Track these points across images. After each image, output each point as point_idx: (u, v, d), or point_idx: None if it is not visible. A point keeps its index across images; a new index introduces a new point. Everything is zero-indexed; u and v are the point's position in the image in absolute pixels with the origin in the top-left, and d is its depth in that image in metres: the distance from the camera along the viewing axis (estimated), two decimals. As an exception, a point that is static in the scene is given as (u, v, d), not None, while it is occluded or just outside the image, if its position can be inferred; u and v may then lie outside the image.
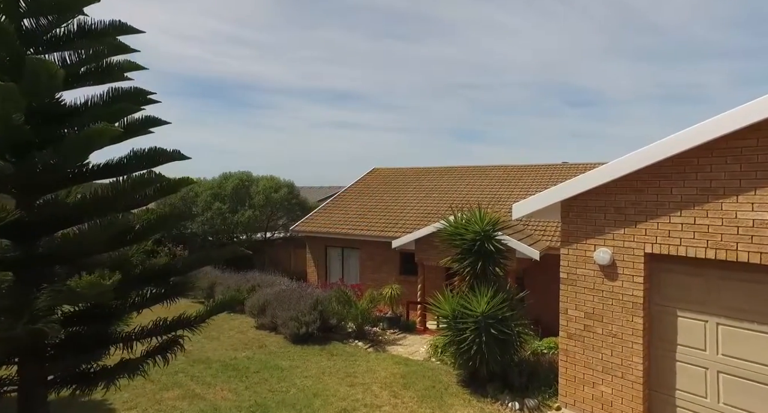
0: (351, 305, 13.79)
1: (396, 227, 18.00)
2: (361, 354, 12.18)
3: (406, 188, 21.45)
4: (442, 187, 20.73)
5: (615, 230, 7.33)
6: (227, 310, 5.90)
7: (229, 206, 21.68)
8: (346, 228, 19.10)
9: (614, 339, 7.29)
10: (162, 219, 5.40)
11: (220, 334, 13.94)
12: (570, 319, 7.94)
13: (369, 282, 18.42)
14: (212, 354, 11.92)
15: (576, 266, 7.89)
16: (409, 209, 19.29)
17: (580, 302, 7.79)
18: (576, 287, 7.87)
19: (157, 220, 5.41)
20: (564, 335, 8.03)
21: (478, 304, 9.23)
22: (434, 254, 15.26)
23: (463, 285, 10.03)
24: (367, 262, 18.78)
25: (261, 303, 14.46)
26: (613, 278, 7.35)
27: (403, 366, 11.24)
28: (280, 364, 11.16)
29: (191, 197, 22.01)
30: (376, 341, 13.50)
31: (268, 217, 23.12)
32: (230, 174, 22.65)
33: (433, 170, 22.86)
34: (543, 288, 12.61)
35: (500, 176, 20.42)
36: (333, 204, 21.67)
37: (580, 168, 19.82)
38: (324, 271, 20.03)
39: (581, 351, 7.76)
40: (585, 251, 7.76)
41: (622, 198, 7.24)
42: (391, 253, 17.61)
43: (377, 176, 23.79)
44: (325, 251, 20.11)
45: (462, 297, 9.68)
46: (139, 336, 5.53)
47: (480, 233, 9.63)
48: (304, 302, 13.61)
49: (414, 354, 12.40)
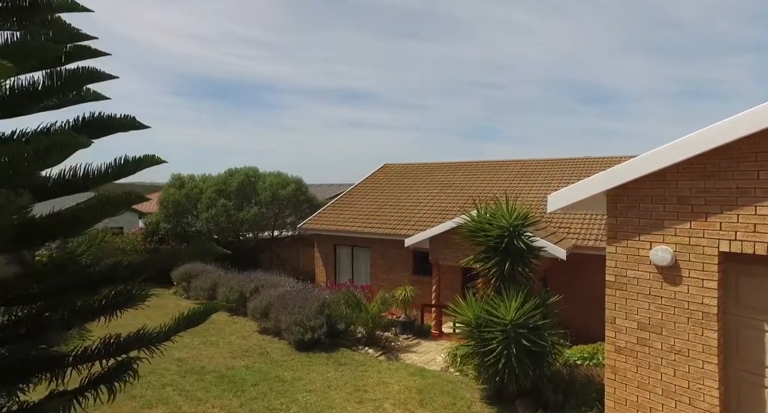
0: (361, 308, 12.50)
1: (409, 225, 16.70)
2: (372, 363, 10.88)
3: (419, 184, 20.12)
4: (456, 182, 19.38)
5: (678, 225, 5.97)
6: (200, 322, 4.48)
7: (235, 202, 20.48)
8: (356, 226, 17.83)
9: (679, 357, 5.93)
10: (102, 203, 4.08)
11: (219, 339, 12.71)
12: (619, 330, 6.58)
13: (380, 283, 17.16)
14: (208, 363, 10.68)
15: (626, 267, 6.54)
16: (423, 206, 17.97)
17: (632, 310, 6.44)
18: (626, 292, 6.52)
19: (96, 204, 4.08)
20: (611, 348, 6.68)
21: (506, 310, 7.89)
22: (450, 253, 13.97)
23: (487, 288, 8.70)
24: (379, 261, 17.49)
25: (264, 306, 13.22)
26: (675, 283, 5.98)
27: (418, 377, 9.93)
28: (281, 375, 9.89)
29: (195, 193, 20.85)
30: (388, 347, 12.21)
31: (275, 214, 21.90)
32: (236, 170, 21.47)
33: (447, 165, 21.51)
34: (568, 290, 11.26)
35: (518, 171, 19.04)
36: (342, 201, 20.40)
37: (605, 162, 18.41)
38: (333, 271, 18.77)
39: (634, 368, 6.40)
40: (638, 249, 6.40)
41: (687, 185, 5.87)
42: (404, 252, 16.33)
43: (388, 172, 22.48)
44: (334, 250, 18.85)
45: (487, 302, 8.36)
46: (80, 360, 4.22)
47: (508, 229, 8.30)
48: (310, 305, 12.35)
49: (430, 363, 11.08)
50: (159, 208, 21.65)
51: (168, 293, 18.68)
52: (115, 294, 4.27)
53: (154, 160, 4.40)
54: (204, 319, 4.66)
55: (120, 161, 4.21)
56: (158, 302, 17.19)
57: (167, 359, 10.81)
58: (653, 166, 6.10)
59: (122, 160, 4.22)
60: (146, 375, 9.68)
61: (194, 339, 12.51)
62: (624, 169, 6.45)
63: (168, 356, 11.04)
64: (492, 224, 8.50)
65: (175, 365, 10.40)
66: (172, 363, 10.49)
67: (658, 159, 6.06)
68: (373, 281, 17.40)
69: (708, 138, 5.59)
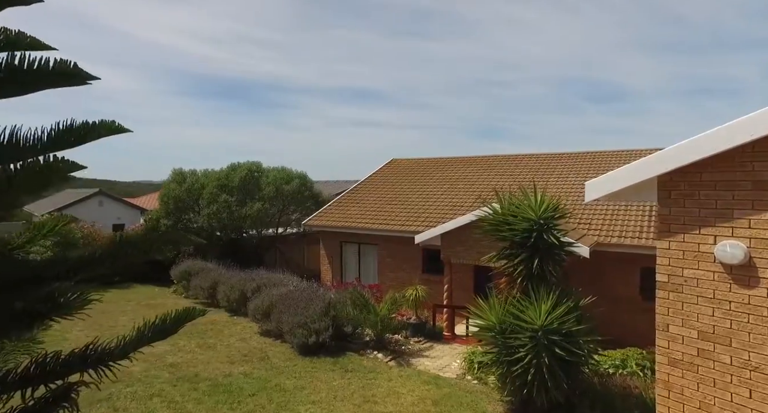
0: (369, 309, 11.49)
1: (418, 221, 15.68)
2: (382, 370, 9.88)
3: (428, 179, 19.08)
4: (468, 177, 18.32)
5: (753, 215, 4.91)
6: (170, 332, 3.42)
7: (237, 198, 19.49)
8: (363, 222, 16.82)
9: (756, 374, 4.88)
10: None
11: (217, 341, 11.73)
12: (673, 339, 5.53)
13: (388, 282, 16.16)
14: (203, 369, 9.69)
15: (683, 265, 5.48)
16: (433, 202, 16.94)
17: (691, 316, 5.39)
18: (683, 294, 5.46)
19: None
20: (664, 360, 5.63)
21: (535, 314, 6.86)
22: (463, 250, 12.96)
23: (512, 289, 7.66)
24: (387, 259, 16.48)
25: (265, 306, 12.23)
26: (749, 285, 4.93)
27: (433, 386, 8.91)
28: (282, 384, 8.89)
29: (197, 188, 19.88)
30: (399, 352, 11.19)
31: (279, 211, 20.91)
32: (238, 165, 20.48)
33: (457, 160, 20.43)
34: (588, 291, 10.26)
35: (532, 166, 17.96)
36: (349, 197, 19.38)
37: (623, 155, 17.33)
38: (339, 269, 17.76)
39: (694, 385, 5.35)
40: (698, 244, 5.34)
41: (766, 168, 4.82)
42: (413, 249, 15.33)
43: (396, 168, 21.44)
44: (340, 247, 17.84)
45: (512, 304, 7.32)
46: (7, 386, 3.18)
47: (537, 222, 7.26)
48: (314, 305, 11.34)
49: (444, 370, 10.06)
50: (159, 204, 20.72)
51: (168, 292, 17.75)
52: (37, 300, 3.20)
53: (112, 128, 3.39)
54: (176, 328, 3.65)
55: (64, 126, 3.16)
56: (158, 302, 16.29)
57: (159, 364, 9.85)
58: (721, 145, 5.04)
59: (67, 124, 3.19)
60: (133, 383, 8.73)
61: (190, 342, 11.54)
62: (681, 150, 5.39)
63: (160, 361, 10.08)
64: (518, 216, 7.46)
65: (167, 371, 9.42)
66: (163, 369, 9.52)
67: (726, 137, 4.99)
68: (381, 280, 16.40)
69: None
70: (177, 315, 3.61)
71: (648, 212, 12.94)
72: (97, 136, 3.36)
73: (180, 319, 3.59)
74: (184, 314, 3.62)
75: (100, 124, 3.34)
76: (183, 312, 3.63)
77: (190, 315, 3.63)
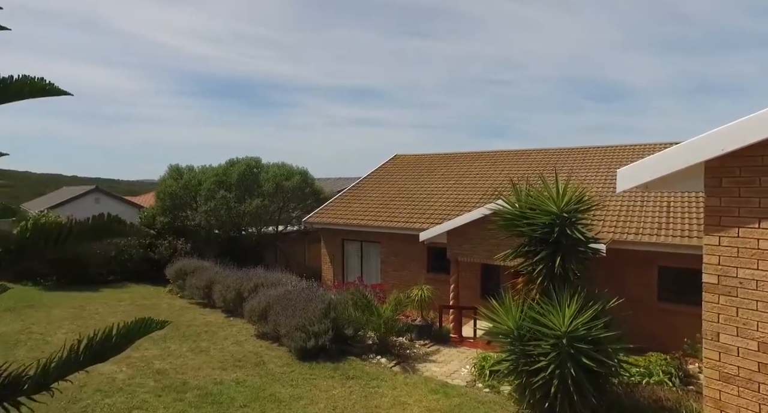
0: (372, 311, 10.66)
1: (423, 218, 14.86)
2: (386, 376, 9.05)
3: (433, 175, 18.24)
4: (473, 173, 17.49)
5: (830, 204, 4.09)
6: (112, 353, 2.56)
7: (236, 194, 18.66)
8: (365, 219, 15.99)
9: (838, 395, 4.05)
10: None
11: (211, 345, 10.91)
12: (726, 351, 4.69)
13: (391, 281, 15.35)
14: (192, 376, 8.87)
15: (737, 264, 4.64)
16: (438, 198, 16.11)
17: (748, 324, 4.55)
18: (738, 299, 4.62)
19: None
20: (714, 375, 4.79)
21: (559, 319, 6.03)
22: (470, 248, 12.13)
23: (530, 290, 6.83)
24: (390, 258, 15.66)
25: (262, 307, 11.41)
26: (825, 287, 4.11)
27: (441, 396, 8.08)
28: (277, 393, 8.06)
29: (194, 184, 19.06)
30: (403, 356, 10.37)
31: (279, 208, 20.08)
32: (237, 160, 19.66)
33: (463, 156, 19.59)
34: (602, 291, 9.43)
35: (540, 160, 17.10)
36: (351, 193, 18.55)
37: (637, 149, 16.47)
38: (341, 268, 16.94)
39: (755, 407, 4.52)
40: (758, 240, 4.51)
41: None
42: (417, 247, 14.52)
43: (399, 163, 20.61)
44: (341, 245, 17.02)
45: (531, 307, 6.50)
46: None
47: (559, 216, 6.43)
48: (313, 306, 10.52)
49: (453, 376, 9.24)
50: (155, 201, 19.90)
51: (164, 291, 16.94)
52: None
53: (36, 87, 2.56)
54: (126, 345, 2.82)
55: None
56: (151, 302, 15.48)
57: (145, 371, 9.03)
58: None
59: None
60: (114, 392, 7.92)
61: (182, 346, 10.72)
62: (735, 131, 4.56)
63: (148, 367, 9.27)
64: (537, 209, 6.63)
65: (153, 379, 8.60)
66: (149, 377, 8.70)
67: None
68: (384, 279, 15.58)
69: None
70: (127, 328, 2.78)
71: (666, 207, 12.09)
72: (18, 96, 2.55)
73: (131, 334, 2.76)
74: (136, 327, 2.78)
75: (22, 81, 2.52)
76: (135, 325, 2.79)
77: (145, 327, 2.80)
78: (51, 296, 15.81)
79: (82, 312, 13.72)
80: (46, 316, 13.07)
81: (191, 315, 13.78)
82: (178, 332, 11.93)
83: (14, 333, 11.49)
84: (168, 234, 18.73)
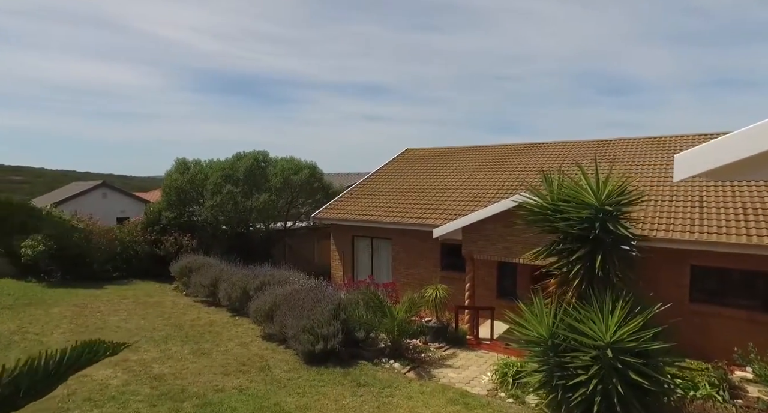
0: (384, 311, 9.87)
1: (436, 214, 14.03)
2: (400, 384, 8.27)
3: (446, 170, 17.39)
4: (488, 167, 16.61)
5: None
6: (45, 392, 1.77)
7: (242, 189, 17.93)
8: (376, 215, 15.19)
9: None
10: None
11: (214, 347, 10.19)
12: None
13: (403, 279, 14.56)
14: (192, 382, 8.12)
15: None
16: (451, 193, 15.26)
17: None
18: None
19: None
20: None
21: (601, 326, 5.21)
22: (487, 245, 11.32)
23: (566, 292, 6.00)
24: (401, 255, 14.86)
25: (268, 307, 10.67)
26: None
27: (461, 406, 7.28)
28: (282, 403, 7.29)
29: (200, 179, 18.34)
30: (418, 360, 9.58)
31: (288, 203, 19.32)
32: (244, 154, 18.93)
33: (476, 149, 18.72)
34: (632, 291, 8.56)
35: (559, 153, 16.19)
36: (361, 188, 17.76)
37: (662, 142, 15.51)
38: (351, 266, 16.16)
39: None
40: None
41: None
42: (430, 244, 13.73)
43: (410, 158, 19.76)
44: (352, 242, 16.24)
45: (567, 313, 5.68)
46: None
47: (600, 209, 5.59)
48: (322, 307, 9.75)
49: (472, 384, 8.44)
50: (161, 195, 19.22)
51: (169, 288, 16.27)
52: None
53: None
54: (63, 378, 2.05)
55: None
56: (155, 300, 14.79)
57: (142, 376, 8.30)
58: None
59: None
60: (105, 402, 7.19)
61: (183, 347, 10.00)
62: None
63: (145, 371, 8.54)
64: (573, 202, 5.80)
65: (149, 385, 7.86)
66: (145, 383, 7.96)
67: None
68: (396, 277, 14.79)
69: None
70: (71, 355, 2.01)
71: (698, 202, 11.17)
72: None
73: (71, 363, 1.99)
74: (79, 352, 2.01)
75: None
76: (79, 350, 2.02)
77: (92, 354, 2.03)
78: (53, 293, 15.17)
79: (84, 310, 13.04)
80: (44, 315, 12.40)
81: (195, 313, 13.07)
82: (181, 332, 11.22)
83: (9, 332, 10.82)
84: (174, 230, 18.04)
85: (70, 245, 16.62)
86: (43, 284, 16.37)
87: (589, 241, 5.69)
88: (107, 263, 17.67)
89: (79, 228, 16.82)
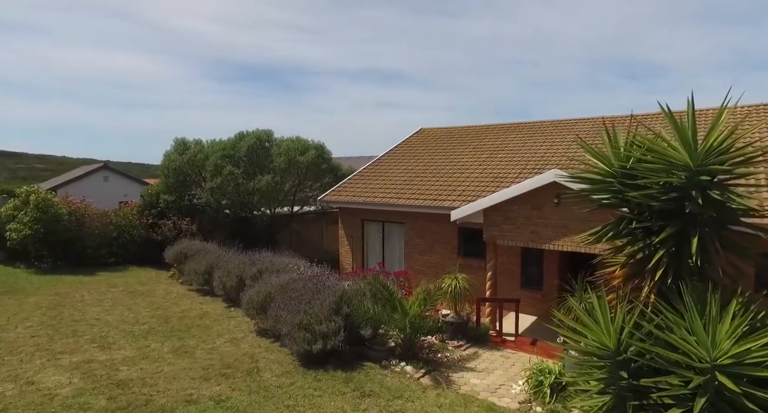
0: (395, 305, 8.26)
1: (453, 196, 12.36)
2: (412, 393, 6.67)
3: (463, 149, 15.65)
4: (509, 146, 14.83)
5: None
6: None
7: (244, 170, 16.36)
8: (387, 197, 13.57)
9: None
10: None
11: (200, 343, 8.68)
12: None
13: (417, 266, 12.95)
14: (162, 389, 6.59)
15: None
16: (469, 174, 13.55)
17: None
18: None
19: None
20: None
21: (703, 339, 3.54)
22: (512, 229, 9.62)
23: (641, 289, 4.31)
24: (415, 240, 13.24)
25: (261, 299, 9.11)
26: None
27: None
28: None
29: (200, 159, 16.80)
30: (433, 362, 7.98)
31: (294, 186, 17.74)
32: (246, 133, 17.33)
33: (496, 128, 16.93)
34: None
35: (588, 130, 14.32)
36: (371, 170, 16.11)
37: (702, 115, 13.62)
38: (360, 252, 14.58)
39: None
40: None
41: None
42: (447, 228, 12.10)
43: (425, 137, 18.02)
44: (361, 226, 14.64)
45: (643, 318, 4.01)
46: None
47: (698, 171, 3.89)
48: (321, 299, 8.16)
49: (499, 392, 6.83)
50: (160, 177, 17.75)
51: (165, 276, 14.84)
52: None
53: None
54: None
55: None
56: (147, 289, 13.30)
57: (101, 382, 6.77)
58: None
59: None
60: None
61: (164, 345, 8.50)
62: None
63: (107, 376, 7.01)
64: (653, 163, 4.09)
65: (106, 396, 6.32)
66: (102, 392, 6.44)
67: None
68: (408, 264, 13.18)
69: None
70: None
71: (764, 180, 9.33)
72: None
73: None
74: None
75: None
76: None
77: None
78: (38, 280, 13.79)
79: (64, 299, 11.61)
80: (17, 305, 10.98)
81: (187, 303, 11.60)
82: (166, 326, 9.74)
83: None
84: (173, 214, 16.56)
85: (60, 229, 15.20)
86: (31, 271, 15.01)
87: (678, 217, 4.00)
88: (102, 248, 16.26)
89: (61, 211, 15.36)
